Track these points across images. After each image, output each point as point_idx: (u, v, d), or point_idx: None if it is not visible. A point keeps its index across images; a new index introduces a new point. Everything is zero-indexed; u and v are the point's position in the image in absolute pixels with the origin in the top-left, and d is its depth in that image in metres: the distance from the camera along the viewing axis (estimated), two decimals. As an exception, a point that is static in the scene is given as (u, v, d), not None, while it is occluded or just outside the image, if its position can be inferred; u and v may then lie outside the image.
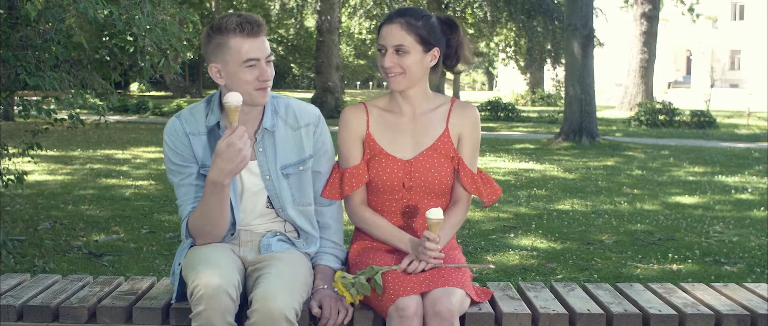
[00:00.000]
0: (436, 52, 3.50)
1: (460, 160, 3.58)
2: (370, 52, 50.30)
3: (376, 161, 3.55)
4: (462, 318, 3.31)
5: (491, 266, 3.67)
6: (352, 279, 3.33)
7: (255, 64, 3.31)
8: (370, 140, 3.57)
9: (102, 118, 7.87)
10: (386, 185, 3.53)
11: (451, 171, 3.58)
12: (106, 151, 16.95)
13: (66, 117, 7.04)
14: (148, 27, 6.04)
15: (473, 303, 3.44)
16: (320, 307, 3.32)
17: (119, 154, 16.48)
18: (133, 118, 29.82)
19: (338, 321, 3.32)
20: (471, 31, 38.57)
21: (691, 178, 13.55)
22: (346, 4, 37.98)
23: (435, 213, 3.25)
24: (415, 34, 3.44)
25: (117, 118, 28.39)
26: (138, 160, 15.56)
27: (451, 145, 3.58)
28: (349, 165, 3.59)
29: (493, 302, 3.58)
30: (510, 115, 31.50)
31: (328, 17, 29.23)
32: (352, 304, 3.37)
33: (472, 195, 3.68)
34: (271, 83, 3.39)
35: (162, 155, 3.56)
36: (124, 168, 14.23)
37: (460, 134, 3.61)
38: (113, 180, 12.35)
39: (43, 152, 8.07)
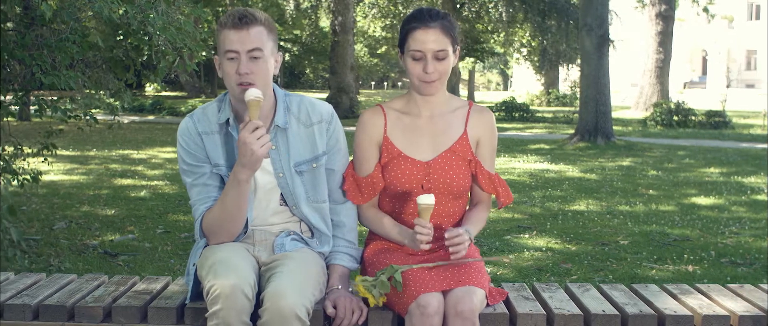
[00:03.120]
0: (458, 51, 3.50)
1: (477, 163, 3.56)
2: (379, 51, 50.30)
3: (394, 164, 3.52)
4: (476, 319, 3.30)
5: (508, 258, 3.67)
6: (372, 280, 3.31)
7: (235, 57, 3.29)
8: (388, 143, 3.54)
9: (115, 117, 7.88)
10: (405, 187, 3.50)
11: (469, 174, 3.56)
12: (122, 151, 17.00)
13: (80, 116, 7.06)
14: (162, 25, 6.04)
15: (487, 304, 3.44)
16: (334, 307, 3.32)
17: (135, 154, 16.53)
18: (150, 118, 29.87)
19: (353, 321, 3.32)
20: (482, 29, 38.59)
21: (706, 179, 13.51)
22: (361, 4, 37.98)
23: (425, 199, 3.25)
24: (451, 38, 3.41)
25: (133, 118, 28.48)
26: (153, 160, 15.60)
27: (470, 148, 3.55)
28: (364, 171, 3.57)
29: (507, 302, 3.57)
30: (525, 115, 31.43)
31: (343, 17, 29.25)
32: (375, 306, 3.35)
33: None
34: (254, 78, 3.30)
35: (176, 155, 3.56)
36: (140, 168, 14.27)
37: (478, 139, 3.59)
38: (128, 180, 12.39)
39: (60, 152, 8.09)
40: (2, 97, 6.73)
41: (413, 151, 3.53)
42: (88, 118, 6.95)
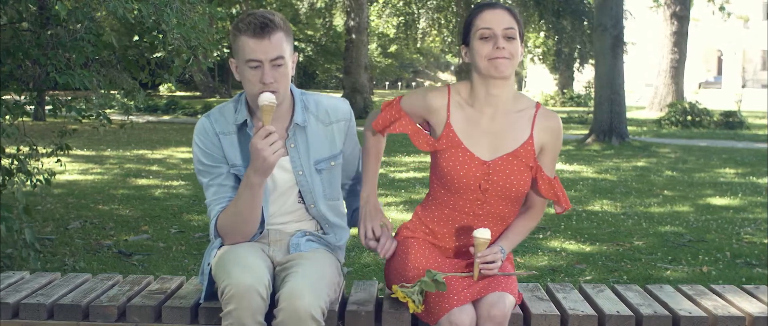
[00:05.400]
0: (522, 46, 3.40)
1: (538, 169, 3.44)
2: (390, 49, 50.30)
3: (452, 154, 3.39)
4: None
5: (533, 273, 3.65)
6: (411, 287, 3.25)
7: (258, 66, 3.29)
8: (450, 130, 3.41)
9: (129, 117, 7.88)
10: (463, 182, 3.37)
11: (529, 179, 3.43)
12: (137, 151, 17.04)
13: (94, 115, 7.06)
14: (176, 22, 6.04)
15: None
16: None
17: (150, 154, 16.57)
18: (165, 118, 29.92)
19: (388, 246, 3.50)
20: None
21: (722, 179, 13.46)
22: (375, 3, 37.96)
23: (482, 233, 3.23)
24: (518, 25, 3.35)
25: (148, 118, 28.54)
26: (169, 160, 15.63)
27: (533, 154, 3.42)
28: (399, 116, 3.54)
29: (522, 303, 3.57)
30: (539, 115, 31.26)
31: (357, 17, 29.25)
32: (414, 314, 3.32)
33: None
34: (278, 86, 3.32)
35: (192, 155, 3.57)
36: (155, 167, 14.30)
37: (543, 144, 3.45)
38: (143, 180, 12.42)
39: (75, 152, 8.11)
40: (18, 97, 6.74)
41: (474, 146, 3.40)
42: (101, 118, 6.95)
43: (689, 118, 26.58)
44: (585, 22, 36.20)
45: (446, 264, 3.39)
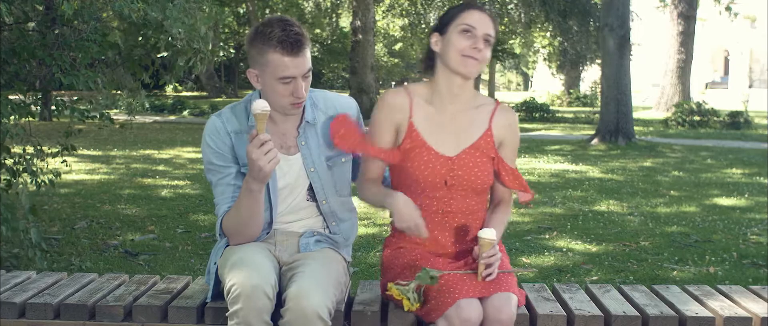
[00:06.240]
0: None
1: (500, 160, 3.49)
2: (396, 47, 50.37)
3: (417, 154, 3.42)
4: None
5: (533, 271, 3.65)
6: (406, 284, 3.22)
7: (291, 81, 3.32)
8: (412, 130, 3.44)
9: (133, 116, 7.89)
10: (427, 181, 3.40)
11: (492, 170, 3.49)
12: (144, 151, 17.02)
13: (97, 116, 7.06)
14: (180, 20, 6.05)
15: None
16: None
17: (156, 154, 16.56)
18: (171, 118, 29.92)
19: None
20: (502, 30, 38.59)
21: (728, 180, 13.43)
22: (381, 3, 37.96)
23: (487, 234, 3.20)
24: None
25: (155, 118, 28.55)
26: (175, 160, 15.62)
27: (493, 145, 3.48)
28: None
29: (528, 303, 3.57)
30: (545, 115, 31.24)
31: (364, 17, 29.23)
32: (410, 311, 3.30)
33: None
34: (306, 96, 3.39)
35: (199, 155, 3.58)
36: (161, 167, 14.30)
37: (502, 139, 3.51)
38: (150, 180, 12.42)
39: (82, 151, 8.12)
40: (23, 97, 6.75)
41: (437, 144, 3.43)
42: (104, 119, 6.94)
43: (696, 118, 26.57)
44: (591, 23, 36.18)
45: (438, 263, 3.37)
